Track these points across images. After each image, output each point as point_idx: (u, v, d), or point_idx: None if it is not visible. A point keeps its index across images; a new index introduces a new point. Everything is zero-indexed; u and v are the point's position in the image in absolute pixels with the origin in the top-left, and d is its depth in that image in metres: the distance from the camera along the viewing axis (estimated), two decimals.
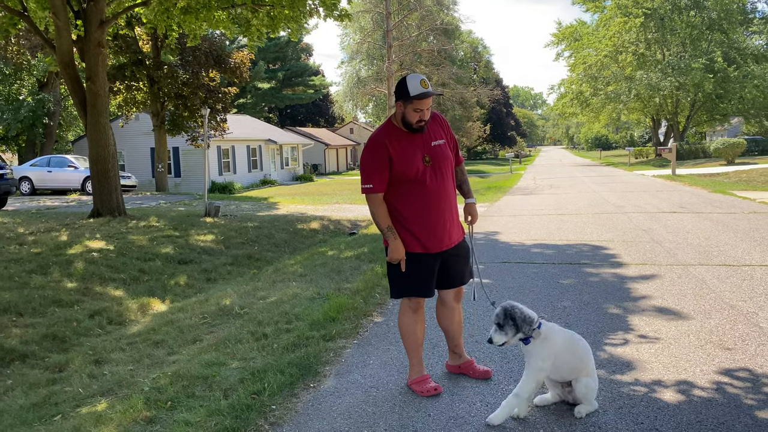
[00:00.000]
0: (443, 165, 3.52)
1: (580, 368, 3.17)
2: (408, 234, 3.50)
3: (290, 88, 56.05)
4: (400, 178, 3.45)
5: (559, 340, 3.15)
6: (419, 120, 3.42)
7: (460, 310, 3.82)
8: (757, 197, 14.40)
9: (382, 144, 3.45)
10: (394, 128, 3.51)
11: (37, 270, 8.40)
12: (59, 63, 12.84)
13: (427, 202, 3.47)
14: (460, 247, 3.65)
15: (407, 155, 3.44)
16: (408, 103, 3.38)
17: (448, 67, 42.06)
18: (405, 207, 3.49)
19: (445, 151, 3.56)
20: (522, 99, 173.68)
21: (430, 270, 3.54)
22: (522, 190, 21.01)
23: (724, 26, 39.89)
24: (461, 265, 3.66)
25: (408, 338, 3.63)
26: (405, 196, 3.49)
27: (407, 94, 3.37)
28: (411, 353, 3.66)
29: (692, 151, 39.91)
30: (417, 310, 3.61)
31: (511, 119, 76.93)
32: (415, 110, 3.38)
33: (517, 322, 3.09)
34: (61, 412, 3.92)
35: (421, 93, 3.35)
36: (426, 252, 3.51)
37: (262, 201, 21.33)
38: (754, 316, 4.81)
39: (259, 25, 13.66)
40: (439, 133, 3.58)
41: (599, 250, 8.22)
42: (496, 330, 3.14)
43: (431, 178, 3.47)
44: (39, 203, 19.63)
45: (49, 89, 31.09)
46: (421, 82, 3.36)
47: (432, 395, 3.51)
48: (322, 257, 8.83)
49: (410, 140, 3.48)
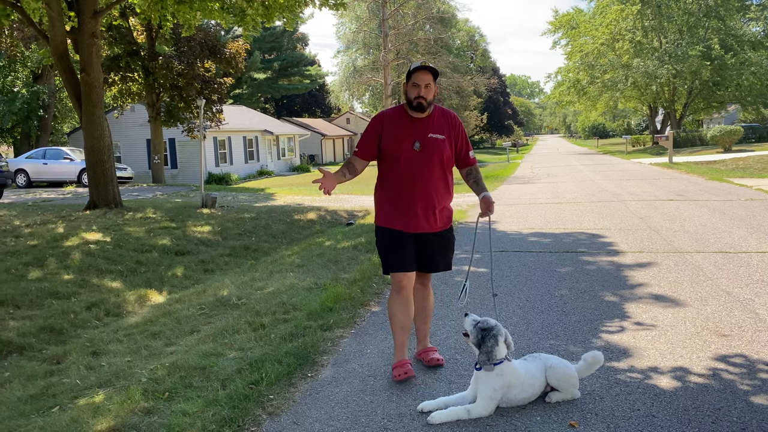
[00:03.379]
0: (434, 156, 3.59)
1: (537, 395, 3.21)
2: (386, 208, 3.70)
3: (286, 78, 55.78)
4: (388, 155, 3.64)
5: (515, 377, 3.13)
6: (417, 96, 3.53)
7: (426, 293, 3.86)
8: (754, 184, 14.42)
9: (380, 120, 3.70)
10: (401, 111, 3.68)
11: (34, 262, 8.39)
12: (53, 54, 12.74)
13: (406, 184, 3.60)
14: (438, 236, 3.71)
15: (399, 136, 3.61)
16: (408, 79, 3.57)
17: (445, 56, 41.91)
18: (387, 182, 3.69)
19: (442, 145, 3.61)
20: (519, 88, 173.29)
21: (402, 245, 3.62)
22: (519, 179, 21.00)
23: (721, 13, 39.70)
24: (439, 254, 3.74)
25: (393, 322, 3.72)
26: (389, 173, 3.67)
27: (409, 71, 3.57)
28: (394, 337, 3.74)
29: (689, 138, 39.89)
30: (399, 291, 3.66)
31: (509, 108, 76.77)
32: (413, 85, 3.53)
33: (486, 341, 3.12)
34: (59, 404, 3.92)
35: (417, 66, 3.53)
36: (405, 230, 3.63)
37: (259, 192, 21.29)
38: (750, 303, 4.83)
39: (254, 15, 13.55)
40: (442, 128, 3.66)
41: (596, 238, 8.23)
42: (471, 323, 3.23)
43: (416, 164, 3.58)
44: (35, 195, 19.57)
45: (43, 81, 30.90)
46: (422, 63, 3.56)
47: (404, 379, 3.58)
48: (319, 248, 8.83)
49: (409, 124, 3.63)
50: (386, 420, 3.13)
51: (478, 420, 3.05)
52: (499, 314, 4.81)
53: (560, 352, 3.90)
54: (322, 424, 3.11)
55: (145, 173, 28.27)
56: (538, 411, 3.13)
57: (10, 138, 33.21)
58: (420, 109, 3.56)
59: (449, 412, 3.07)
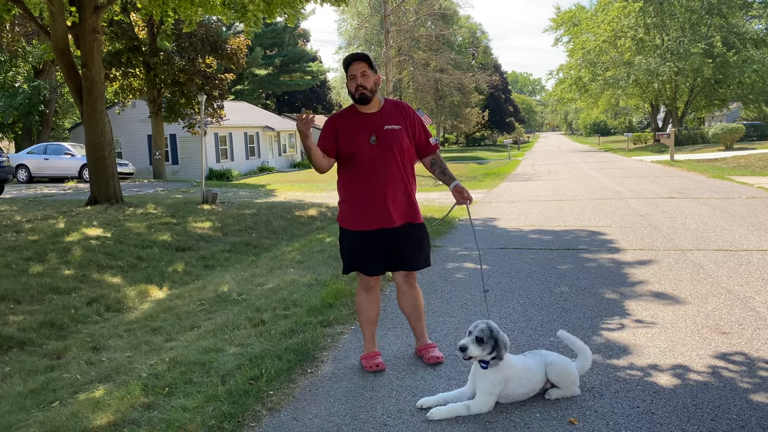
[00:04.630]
0: (392, 147, 3.57)
1: (536, 391, 3.21)
2: (348, 209, 3.66)
3: (287, 74, 55.64)
4: (345, 154, 3.59)
5: (512, 370, 3.13)
6: (357, 87, 3.51)
7: (414, 294, 3.85)
8: (755, 182, 14.40)
9: (332, 122, 3.65)
10: (351, 110, 3.66)
11: (35, 257, 8.39)
12: (54, 50, 12.74)
13: (367, 179, 3.56)
14: (409, 230, 3.66)
15: (353, 133, 3.56)
16: (346, 76, 3.57)
17: (447, 53, 41.87)
18: (348, 182, 3.65)
19: (399, 136, 3.59)
20: (521, 85, 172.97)
21: (367, 247, 3.61)
22: (520, 176, 20.99)
23: (723, 10, 39.59)
24: (410, 250, 3.67)
25: (360, 316, 3.82)
26: (349, 173, 3.63)
27: (345, 69, 3.57)
28: (363, 330, 3.84)
29: (691, 136, 39.82)
30: (368, 289, 3.74)
31: (510, 105, 76.59)
32: (350, 78, 3.53)
33: (499, 344, 3.07)
34: (59, 399, 3.92)
35: (347, 57, 3.56)
36: (363, 229, 3.60)
37: (260, 188, 21.28)
38: (750, 301, 4.83)
39: (255, 11, 13.54)
40: (396, 119, 3.63)
41: (597, 235, 8.22)
42: (474, 342, 3.07)
43: (375, 157, 3.54)
44: (36, 191, 19.58)
45: (44, 76, 30.89)
46: (351, 53, 3.57)
47: (375, 371, 3.69)
48: (319, 244, 8.82)
49: (361, 120, 3.59)
50: (386, 416, 3.13)
51: (477, 416, 3.05)
52: (490, 311, 4.81)
53: (560, 349, 3.90)
54: (321, 420, 3.11)
55: (146, 169, 28.27)
56: (537, 408, 3.13)
57: (11, 133, 33.22)
58: (364, 99, 3.53)
59: (449, 408, 3.08)
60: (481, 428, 2.95)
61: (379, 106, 3.62)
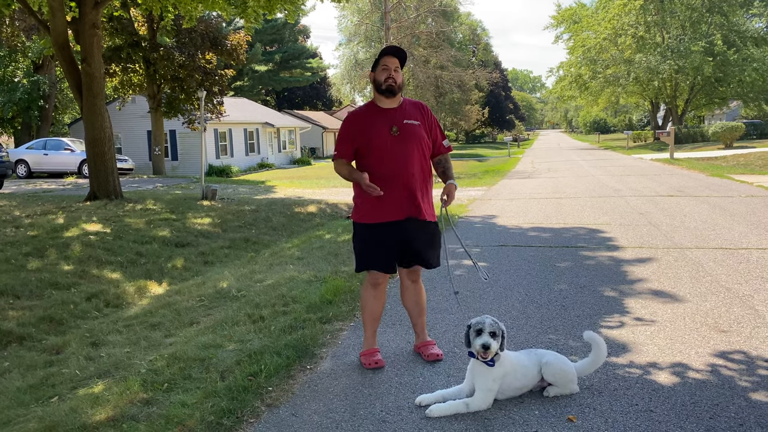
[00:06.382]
0: (412, 140, 3.60)
1: (529, 387, 3.23)
2: (363, 203, 3.65)
3: (287, 70, 55.59)
4: (365, 148, 3.60)
5: (510, 365, 3.15)
6: (387, 78, 3.55)
7: (418, 290, 3.87)
8: (755, 181, 14.40)
9: (352, 119, 3.69)
10: (371, 106, 3.70)
11: (34, 253, 8.39)
12: (54, 44, 12.71)
13: (388, 169, 3.56)
14: (425, 225, 3.68)
15: (374, 125, 3.60)
16: (377, 65, 3.61)
17: (447, 50, 41.83)
18: (369, 175, 3.58)
19: (418, 131, 3.64)
20: (521, 82, 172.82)
21: (381, 241, 3.61)
22: (520, 174, 20.98)
23: (724, 9, 39.55)
24: (423, 246, 3.68)
25: (364, 311, 3.81)
26: (368, 165, 3.61)
27: (377, 57, 3.64)
28: (365, 326, 3.84)
29: (691, 134, 39.82)
30: (376, 286, 3.75)
31: (510, 102, 76.58)
32: (383, 68, 3.57)
33: (504, 337, 3.12)
34: (58, 394, 3.92)
35: (386, 49, 3.60)
36: (379, 221, 3.59)
37: (260, 184, 21.27)
38: (749, 299, 4.83)
39: (255, 7, 13.52)
40: (416, 116, 3.69)
41: (596, 233, 8.22)
42: (491, 337, 3.07)
43: (396, 148, 3.56)
44: (35, 186, 19.56)
45: (44, 71, 30.82)
46: (391, 45, 3.59)
47: (374, 368, 3.68)
48: (319, 240, 8.82)
49: (382, 114, 3.62)
50: (385, 413, 3.13)
51: (476, 413, 3.05)
52: (490, 309, 4.82)
53: (559, 346, 3.90)
54: (320, 416, 3.11)
55: (146, 165, 28.23)
56: (536, 405, 3.13)
57: (11, 128, 33.15)
58: (390, 91, 3.57)
59: (448, 405, 3.08)
60: (480, 425, 2.95)
61: (398, 103, 3.68)
